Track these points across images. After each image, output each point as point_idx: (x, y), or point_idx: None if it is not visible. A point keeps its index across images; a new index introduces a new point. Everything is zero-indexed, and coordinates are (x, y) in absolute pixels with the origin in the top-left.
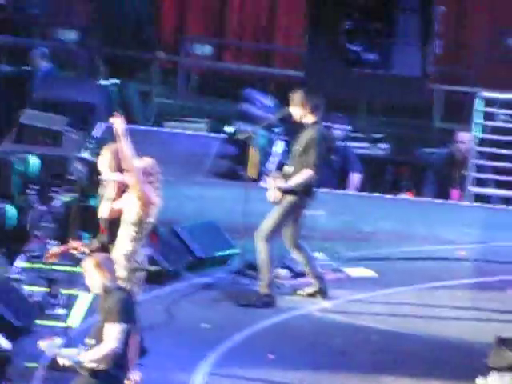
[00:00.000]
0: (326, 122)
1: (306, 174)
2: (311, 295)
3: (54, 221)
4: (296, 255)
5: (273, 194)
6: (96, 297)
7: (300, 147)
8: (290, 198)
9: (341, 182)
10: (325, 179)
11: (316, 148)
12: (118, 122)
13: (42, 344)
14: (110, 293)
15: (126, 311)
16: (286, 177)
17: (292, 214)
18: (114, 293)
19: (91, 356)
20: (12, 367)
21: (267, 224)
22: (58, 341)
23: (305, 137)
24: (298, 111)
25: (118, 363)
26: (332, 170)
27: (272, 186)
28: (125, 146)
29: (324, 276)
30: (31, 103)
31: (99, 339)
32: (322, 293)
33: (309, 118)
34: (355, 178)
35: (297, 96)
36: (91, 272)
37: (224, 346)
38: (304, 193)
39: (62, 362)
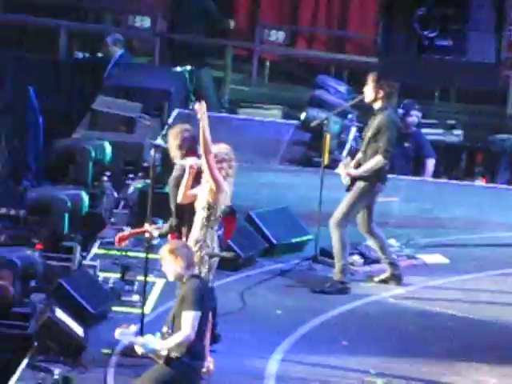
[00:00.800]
0: (399, 108)
1: (376, 160)
2: (384, 281)
3: (128, 207)
4: (370, 241)
5: (344, 181)
6: (170, 283)
7: (370, 133)
8: (361, 184)
9: (415, 169)
10: (399, 166)
11: (386, 133)
12: (201, 108)
13: (118, 331)
14: (186, 280)
15: (201, 299)
16: (358, 163)
17: (364, 200)
18: (189, 280)
19: (166, 344)
20: (87, 354)
21: (340, 211)
22: (133, 328)
23: (375, 122)
24: (371, 94)
25: (194, 352)
26: (406, 157)
27: (343, 173)
28: (205, 131)
29: (398, 262)
30: (105, 90)
31: (175, 327)
32: (396, 279)
33: (379, 103)
34: (430, 163)
35: (371, 79)
36: (166, 259)
37: (298, 332)
38: (376, 178)
39: (137, 349)
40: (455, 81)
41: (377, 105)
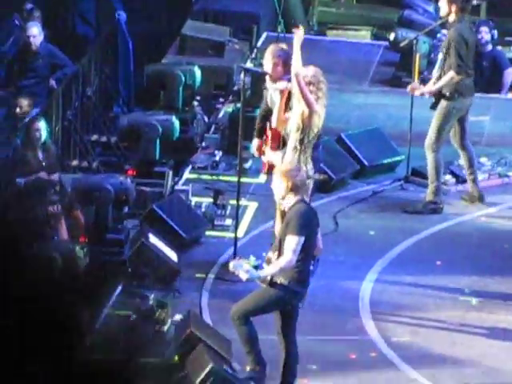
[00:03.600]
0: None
1: (448, 77)
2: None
3: (219, 131)
4: (462, 156)
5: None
6: (262, 207)
7: (444, 49)
8: (443, 104)
9: (495, 87)
10: (478, 86)
11: (455, 48)
12: (300, 34)
13: (232, 263)
14: (292, 205)
15: (306, 224)
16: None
17: (451, 118)
18: (296, 205)
19: (270, 270)
20: (181, 279)
21: (431, 132)
22: (244, 261)
23: (446, 38)
24: (444, 8)
25: (298, 278)
26: (483, 76)
27: (416, 94)
28: (298, 56)
29: (479, 182)
30: (194, 14)
31: (280, 251)
32: (475, 198)
33: (453, 17)
34: (509, 74)
35: None
36: (277, 178)
37: (392, 253)
38: (457, 94)
39: (243, 276)
40: None
41: (450, 18)
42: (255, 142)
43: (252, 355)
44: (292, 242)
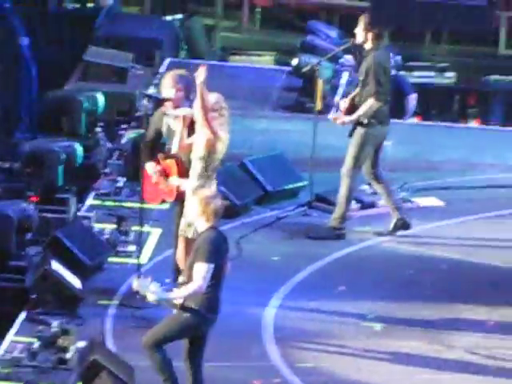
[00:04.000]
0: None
1: (368, 104)
2: (394, 230)
3: (122, 157)
4: (375, 186)
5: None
6: (166, 233)
7: (362, 77)
8: (361, 130)
9: (398, 112)
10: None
11: (373, 75)
12: (202, 72)
13: (136, 282)
14: (203, 231)
15: (215, 251)
16: (355, 107)
17: (369, 145)
18: (205, 232)
19: (179, 293)
20: (84, 305)
21: (349, 159)
22: (149, 280)
23: (364, 66)
24: (361, 36)
25: (208, 305)
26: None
27: (338, 122)
28: (202, 94)
29: (402, 206)
30: (96, 40)
31: (189, 277)
32: (404, 224)
33: (369, 45)
34: (412, 99)
35: (362, 20)
36: (194, 202)
37: (295, 278)
38: (375, 121)
39: (150, 298)
40: (446, 23)
41: (367, 46)
42: (150, 164)
43: (169, 383)
44: (201, 269)
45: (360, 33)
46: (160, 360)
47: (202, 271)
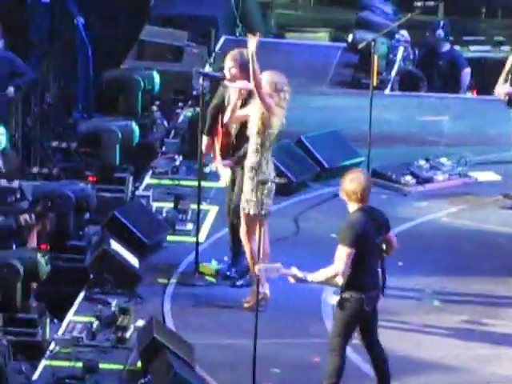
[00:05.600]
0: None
1: None
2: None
3: (178, 136)
4: None
5: None
6: (223, 211)
7: None
8: None
9: (453, 87)
10: (437, 86)
11: None
12: (253, 41)
13: (260, 267)
14: (352, 213)
15: (357, 235)
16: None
17: None
18: (354, 213)
19: (317, 277)
20: (143, 284)
21: None
22: (280, 265)
23: None
24: None
25: (357, 285)
26: (441, 76)
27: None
28: (254, 65)
29: None
30: (151, 19)
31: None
32: None
33: None
34: (466, 73)
35: None
36: (342, 182)
37: None
38: None
39: (290, 279)
40: None
41: None
42: (205, 139)
43: None
44: (341, 253)
45: None
46: (336, 365)
47: (341, 255)
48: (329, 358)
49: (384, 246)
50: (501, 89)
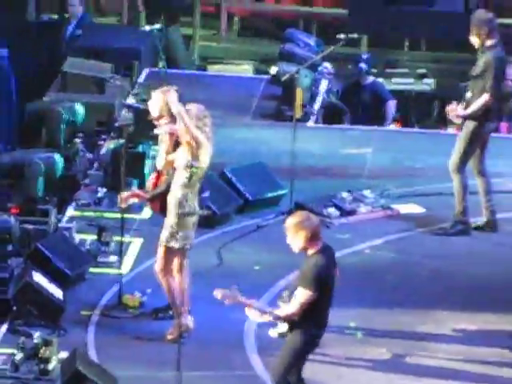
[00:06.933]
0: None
1: (483, 99)
2: (480, 228)
3: (101, 168)
4: (478, 181)
5: None
6: (147, 243)
7: (476, 72)
8: (470, 125)
9: (377, 119)
10: (360, 118)
11: (492, 71)
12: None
13: (220, 293)
14: (310, 255)
15: (321, 279)
16: (466, 103)
17: (476, 142)
18: (313, 256)
19: (276, 314)
20: (66, 316)
21: (456, 155)
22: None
23: (481, 60)
24: (475, 40)
25: (317, 322)
26: (364, 108)
27: (452, 114)
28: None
29: (495, 209)
30: (75, 50)
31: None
32: (493, 226)
33: (488, 42)
34: (392, 105)
35: (473, 24)
36: (290, 231)
37: (277, 287)
38: (484, 118)
39: (252, 316)
40: (424, 31)
41: (488, 43)
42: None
43: None
44: (301, 296)
45: (474, 39)
46: None
47: (301, 298)
48: None
49: None
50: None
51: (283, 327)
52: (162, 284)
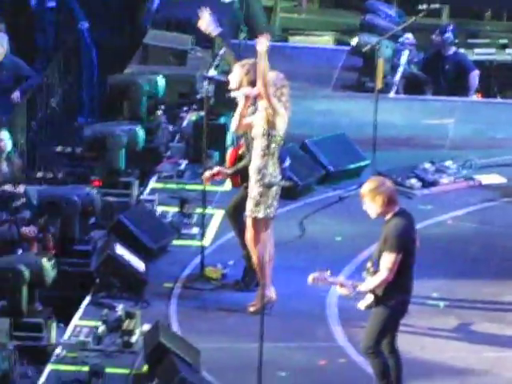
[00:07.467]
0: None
1: None
2: None
3: (183, 140)
4: None
5: None
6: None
7: None
8: None
9: (460, 90)
10: (442, 89)
11: None
12: (264, 42)
13: (312, 277)
14: (389, 219)
15: (403, 239)
16: None
17: None
18: (392, 219)
19: (367, 285)
20: (149, 288)
21: None
22: (329, 273)
23: None
24: None
25: (402, 288)
26: (447, 79)
27: None
28: (264, 65)
29: None
30: (155, 23)
31: (379, 264)
32: None
33: None
34: (474, 76)
35: None
36: (366, 198)
37: (359, 258)
38: None
39: (344, 292)
40: (506, 1)
41: None
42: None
43: None
44: (388, 260)
45: None
46: (380, 364)
47: (388, 262)
48: (372, 360)
49: None
50: None
51: (370, 298)
52: (252, 254)
